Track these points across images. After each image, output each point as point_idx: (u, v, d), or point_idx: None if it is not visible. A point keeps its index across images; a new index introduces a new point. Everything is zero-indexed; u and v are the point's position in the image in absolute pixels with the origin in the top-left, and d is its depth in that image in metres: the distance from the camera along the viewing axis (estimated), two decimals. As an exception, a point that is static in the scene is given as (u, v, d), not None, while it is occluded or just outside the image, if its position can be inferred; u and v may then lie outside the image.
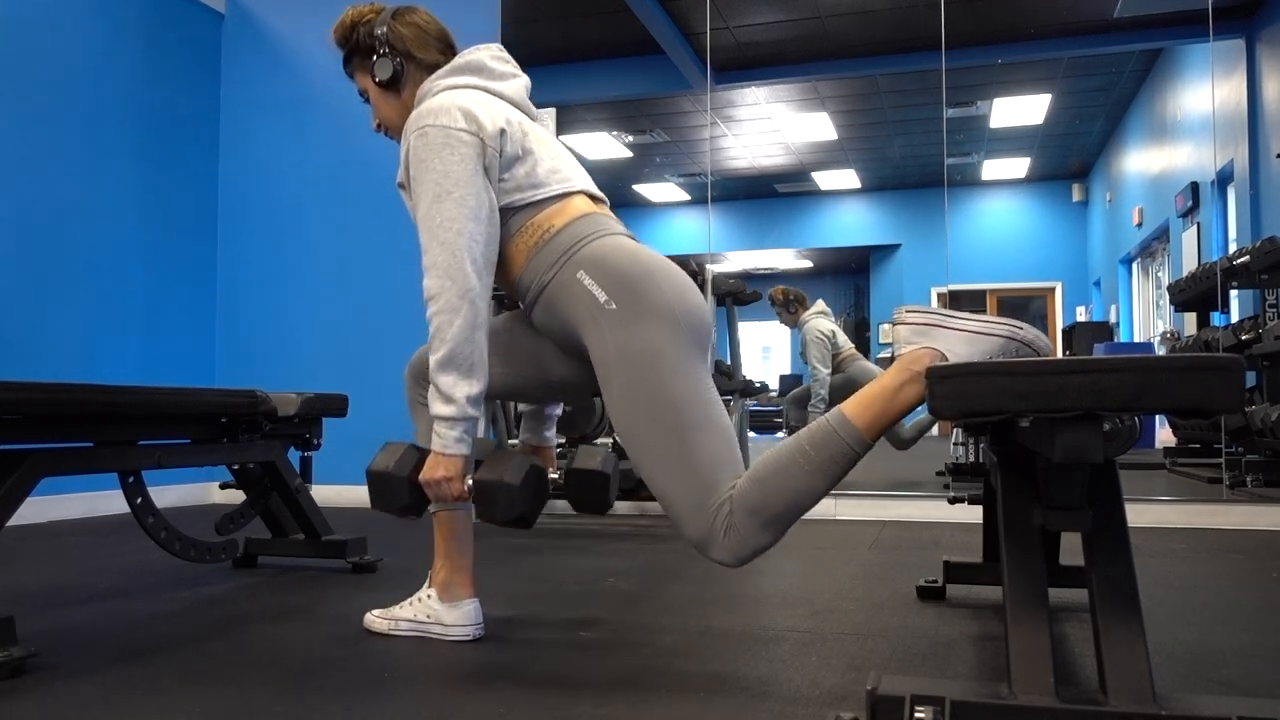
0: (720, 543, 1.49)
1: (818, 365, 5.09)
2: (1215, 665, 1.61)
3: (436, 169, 1.62)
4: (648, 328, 1.57)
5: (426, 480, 1.63)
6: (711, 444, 1.54)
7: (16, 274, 3.80)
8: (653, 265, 1.63)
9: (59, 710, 1.40)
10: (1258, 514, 3.52)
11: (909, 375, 1.42)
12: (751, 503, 1.47)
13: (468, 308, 1.58)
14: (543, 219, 1.68)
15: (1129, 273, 6.91)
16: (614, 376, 1.58)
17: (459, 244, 1.59)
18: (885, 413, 1.43)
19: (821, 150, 8.27)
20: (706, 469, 1.52)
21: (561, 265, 1.64)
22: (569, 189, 1.72)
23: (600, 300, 1.59)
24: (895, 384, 1.43)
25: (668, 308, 1.58)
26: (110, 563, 2.77)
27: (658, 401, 1.55)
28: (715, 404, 1.59)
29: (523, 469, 1.60)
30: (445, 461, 1.61)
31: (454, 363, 1.59)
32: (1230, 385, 1.05)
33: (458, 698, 1.46)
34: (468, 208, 1.61)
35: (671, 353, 1.56)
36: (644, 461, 1.56)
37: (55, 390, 1.82)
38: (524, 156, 1.70)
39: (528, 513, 1.61)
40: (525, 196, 1.68)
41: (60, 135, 4.00)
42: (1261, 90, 4.89)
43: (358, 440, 4.30)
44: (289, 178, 4.69)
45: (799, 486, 1.45)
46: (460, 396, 1.59)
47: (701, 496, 1.51)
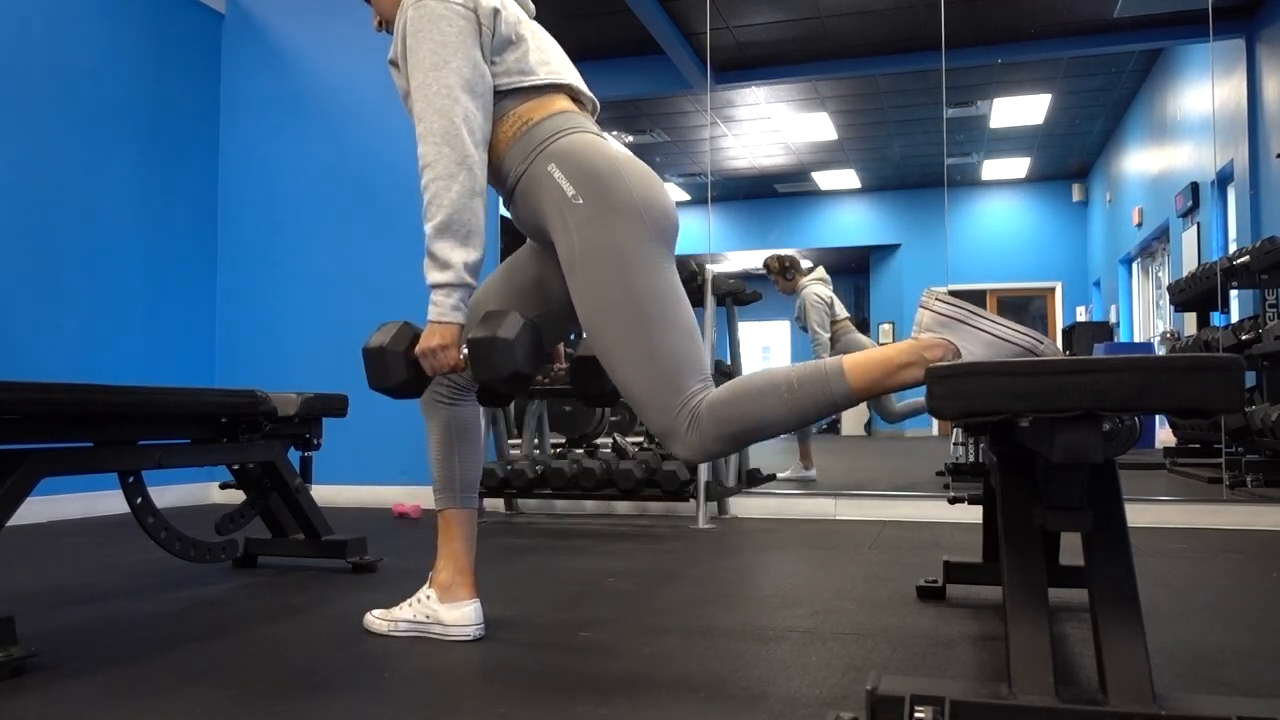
0: (682, 437, 1.54)
1: (818, 329, 5.05)
2: (1215, 665, 1.61)
3: (434, 38, 1.61)
4: (613, 223, 1.58)
5: (423, 350, 1.62)
6: (676, 342, 1.57)
7: (17, 274, 3.80)
8: (620, 161, 1.64)
9: (59, 710, 1.40)
10: (1258, 514, 3.52)
11: (916, 358, 1.43)
12: (720, 411, 1.52)
13: (465, 174, 1.58)
14: (524, 110, 1.69)
15: (1129, 273, 6.91)
16: (579, 273, 1.59)
17: (455, 111, 1.59)
18: (880, 382, 1.46)
19: (821, 150, 8.27)
20: (671, 365, 1.55)
21: (535, 156, 1.65)
22: (555, 80, 1.72)
23: (568, 194, 1.60)
24: (901, 360, 1.44)
25: (633, 204, 1.59)
26: (110, 563, 2.77)
27: (620, 297, 1.56)
28: (681, 302, 1.61)
29: (517, 324, 1.59)
30: (441, 330, 1.60)
31: (451, 228, 1.58)
32: (1230, 385, 1.05)
33: (458, 698, 1.46)
34: (464, 78, 1.61)
35: (637, 249, 1.58)
36: (610, 356, 1.59)
37: (55, 390, 1.82)
38: (517, 42, 1.70)
39: (524, 369, 1.59)
40: (513, 81, 1.68)
41: (61, 135, 4.00)
42: (1261, 90, 4.89)
43: (358, 440, 4.31)
44: (289, 177, 4.69)
45: (772, 414, 1.50)
46: (458, 262, 1.59)
47: (667, 393, 1.55)
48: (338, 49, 4.64)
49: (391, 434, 4.36)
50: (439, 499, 1.85)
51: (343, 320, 4.53)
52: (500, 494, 3.94)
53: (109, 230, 4.22)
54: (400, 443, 4.36)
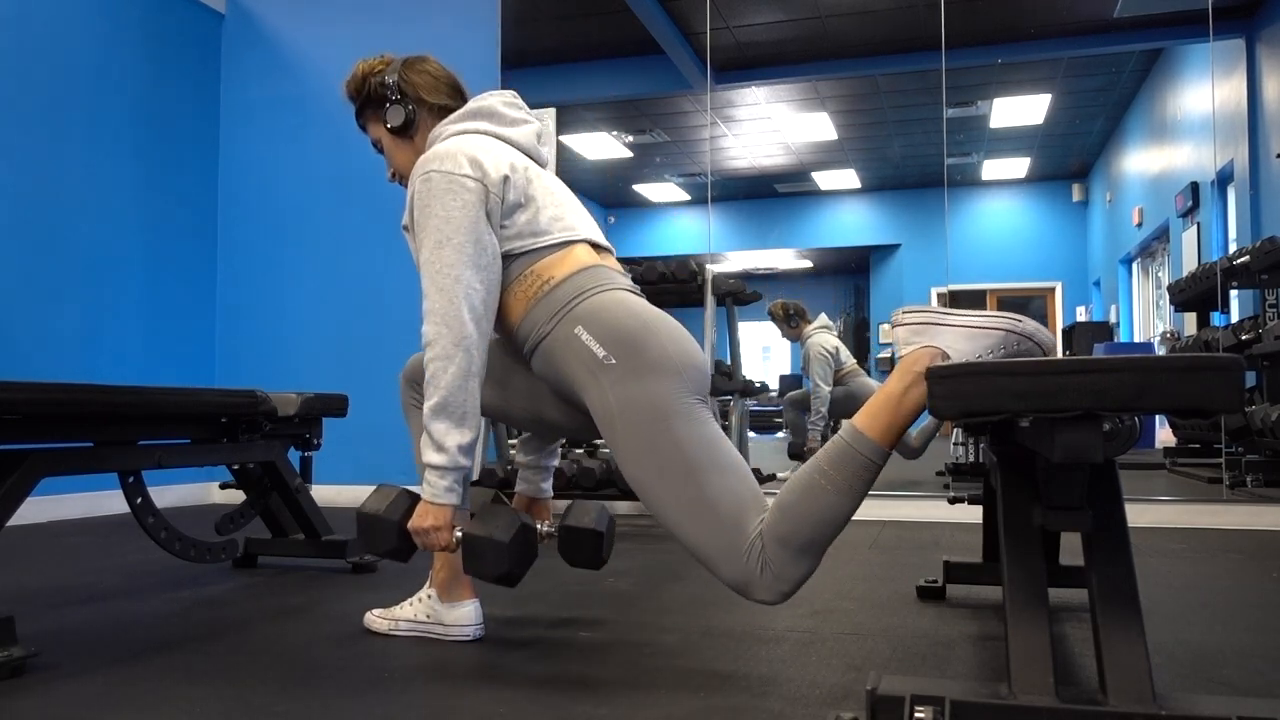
0: (759, 581, 1.45)
1: (819, 381, 5.12)
2: (1215, 665, 1.61)
3: (439, 214, 1.62)
4: (649, 381, 1.55)
5: (415, 528, 1.63)
6: (728, 483, 1.51)
7: (17, 274, 3.80)
8: (651, 319, 1.62)
9: (59, 710, 1.40)
10: (1258, 514, 3.51)
11: (912, 377, 1.40)
12: (780, 533, 1.44)
13: (462, 355, 1.58)
14: (542, 268, 1.67)
15: (1129, 273, 6.91)
16: (620, 432, 1.56)
17: (456, 291, 1.59)
18: (895, 419, 1.42)
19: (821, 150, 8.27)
20: (729, 509, 1.49)
21: (560, 319, 1.63)
22: (571, 237, 1.71)
23: (599, 356, 1.58)
24: (900, 389, 1.42)
25: (668, 360, 1.57)
26: (110, 563, 2.77)
27: (667, 451, 1.52)
28: (724, 444, 1.57)
29: (513, 527, 1.59)
30: (434, 511, 1.61)
31: (446, 410, 1.59)
32: (1230, 385, 1.05)
33: (458, 698, 1.46)
34: (466, 254, 1.60)
35: (676, 402, 1.55)
36: (666, 514, 1.53)
37: (55, 390, 1.83)
38: (526, 204, 1.69)
39: (514, 570, 1.61)
40: (526, 244, 1.67)
41: (60, 135, 4.00)
42: (1261, 90, 4.89)
43: (358, 440, 4.31)
44: (289, 178, 4.69)
45: (824, 508, 1.42)
46: (451, 445, 1.59)
47: (731, 538, 1.47)
48: (338, 50, 4.64)
49: (391, 434, 4.36)
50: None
51: (343, 320, 4.53)
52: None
53: (109, 230, 4.21)
54: (400, 443, 4.35)
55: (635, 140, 8.01)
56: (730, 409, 4.45)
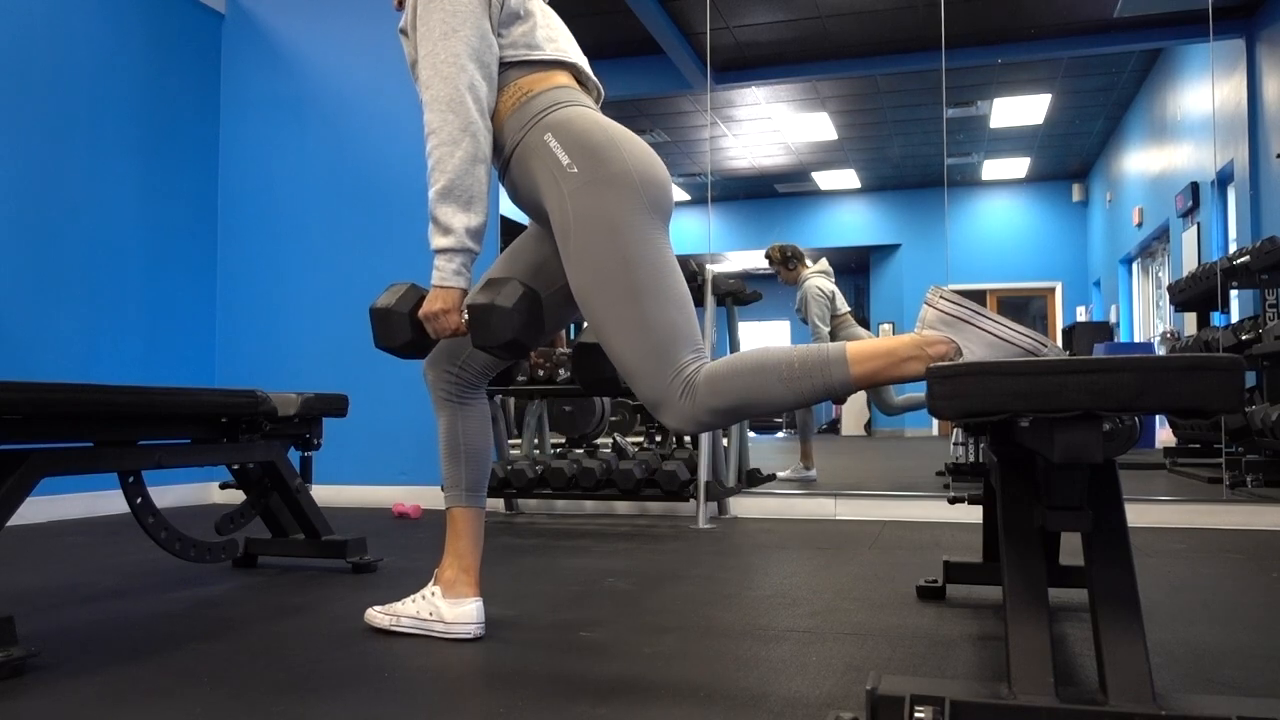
0: (675, 406, 1.54)
1: (818, 323, 5.08)
2: (1215, 665, 1.61)
3: (445, 7, 1.63)
4: (607, 193, 1.58)
5: (426, 314, 1.63)
6: (669, 312, 1.57)
7: (16, 274, 3.80)
8: (617, 133, 1.65)
9: (59, 710, 1.40)
10: (1258, 514, 3.52)
11: (919, 353, 1.43)
12: (718, 384, 1.52)
13: (469, 140, 1.60)
14: (526, 82, 1.70)
15: (1129, 273, 6.92)
16: (572, 241, 1.59)
17: (461, 79, 1.61)
18: (881, 373, 1.46)
19: (821, 150, 8.27)
20: (664, 335, 1.55)
21: (532, 126, 1.66)
22: (561, 57, 1.74)
23: (563, 163, 1.61)
24: (904, 354, 1.44)
25: (628, 175, 1.60)
26: (110, 563, 2.77)
27: (613, 267, 1.56)
28: (674, 274, 1.61)
29: (516, 292, 1.59)
30: (443, 294, 1.62)
31: (453, 193, 1.59)
32: (1230, 385, 1.05)
33: (458, 697, 1.46)
34: (472, 47, 1.62)
35: (631, 219, 1.58)
36: (603, 325, 1.58)
37: (55, 390, 1.83)
38: (524, 17, 1.72)
39: (522, 336, 1.60)
40: (518, 54, 1.70)
41: (61, 135, 4.00)
42: (1261, 90, 4.89)
43: (358, 440, 4.31)
44: (289, 178, 4.69)
45: (766, 391, 1.50)
46: (459, 227, 1.60)
47: (660, 362, 1.54)
48: (338, 49, 4.64)
49: (391, 434, 4.37)
50: (448, 497, 1.85)
51: (343, 320, 4.53)
52: (500, 494, 3.94)
53: (109, 230, 4.22)
54: (400, 443, 4.36)
55: (635, 140, 7.98)
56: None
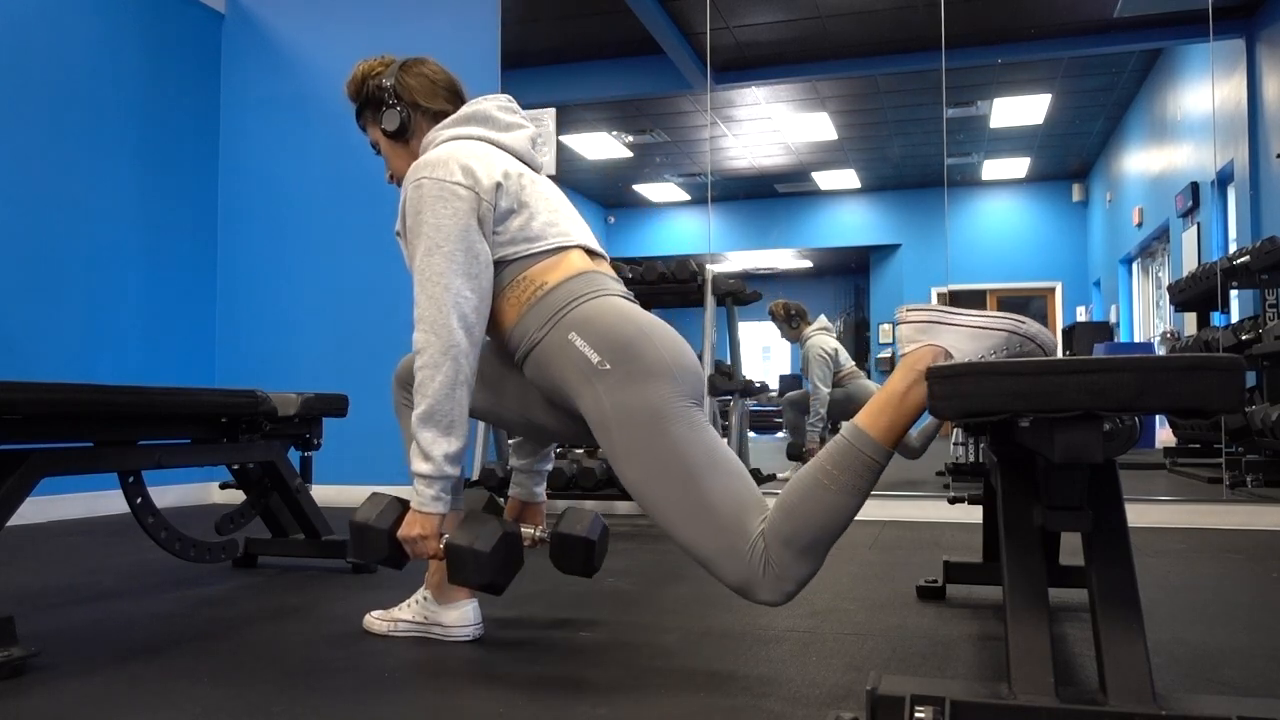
0: (761, 581, 1.45)
1: (819, 384, 5.14)
2: (1215, 665, 1.61)
3: (430, 222, 1.62)
4: (645, 386, 1.55)
5: (404, 537, 1.64)
6: (729, 485, 1.51)
7: (17, 274, 3.80)
8: (645, 325, 1.62)
9: (59, 710, 1.40)
10: (1258, 514, 3.51)
11: (915, 376, 1.40)
12: (783, 534, 1.44)
13: (449, 364, 1.58)
14: (535, 274, 1.67)
15: (1129, 273, 6.91)
16: (617, 438, 1.55)
17: (445, 299, 1.59)
18: (898, 417, 1.41)
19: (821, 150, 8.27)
20: (730, 511, 1.48)
21: (553, 325, 1.63)
22: (565, 243, 1.71)
23: (594, 362, 1.58)
24: (902, 387, 1.41)
25: (663, 365, 1.57)
26: (110, 563, 2.77)
27: (665, 455, 1.52)
28: (722, 447, 1.57)
29: (494, 536, 1.59)
30: (422, 520, 1.62)
31: (433, 419, 1.59)
32: (1230, 385, 1.05)
33: (458, 698, 1.46)
34: (457, 263, 1.60)
35: (672, 406, 1.54)
36: (666, 518, 1.52)
37: (55, 390, 1.82)
38: (519, 210, 1.69)
39: (497, 580, 1.61)
40: (519, 250, 1.67)
41: (60, 135, 4.00)
42: (1261, 90, 4.89)
43: (358, 440, 4.31)
44: (289, 178, 4.69)
45: (828, 508, 1.42)
46: (438, 454, 1.60)
47: (732, 539, 1.46)
48: (338, 49, 4.63)
49: (391, 434, 4.34)
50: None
51: (343, 320, 4.53)
52: (500, 494, 3.94)
53: (109, 230, 4.21)
54: (400, 443, 4.35)
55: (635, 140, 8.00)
56: (730, 409, 4.45)
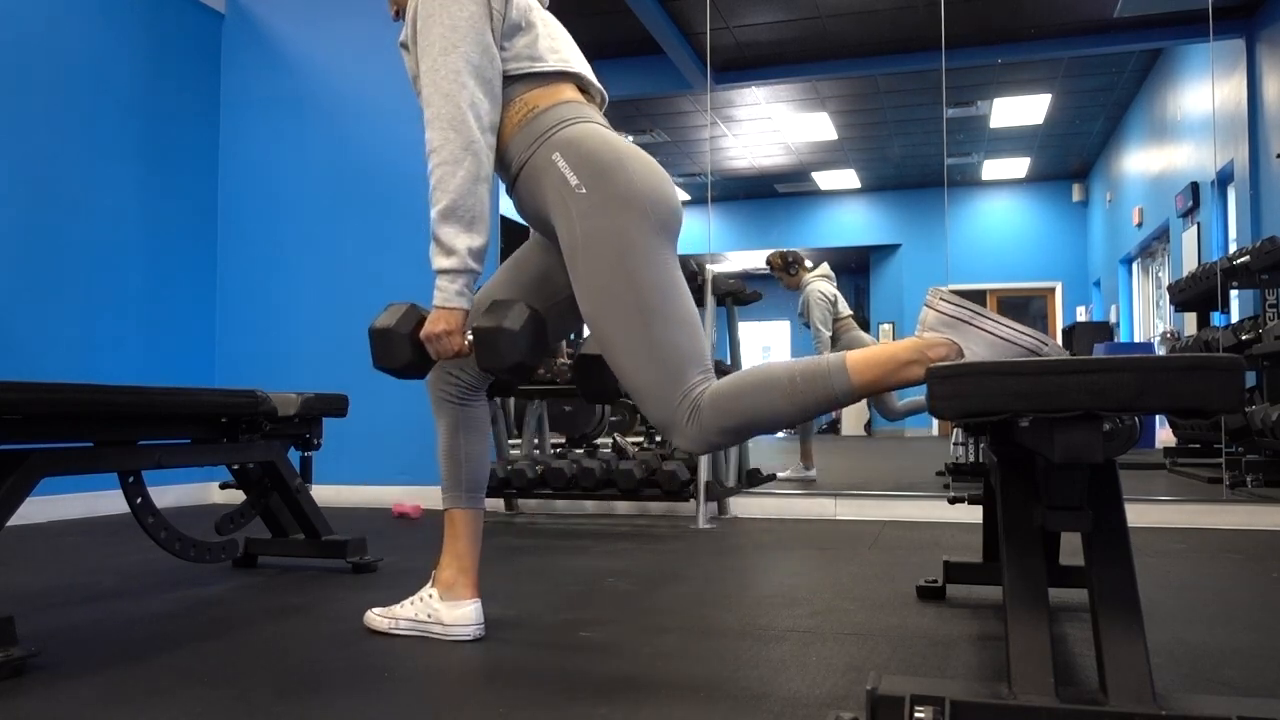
0: (682, 428, 1.55)
1: (820, 327, 5.11)
2: (1215, 665, 1.61)
3: (444, 22, 1.62)
4: (616, 215, 1.58)
5: (428, 335, 1.62)
6: (677, 335, 1.57)
7: (16, 274, 3.80)
8: (625, 152, 1.64)
9: (59, 710, 1.40)
10: (1258, 514, 3.52)
11: (920, 357, 1.42)
12: (722, 404, 1.52)
13: (471, 159, 1.58)
14: (531, 97, 1.69)
15: (1129, 273, 6.92)
16: (580, 262, 1.59)
17: (463, 96, 1.59)
18: (883, 379, 1.46)
19: (821, 150, 8.27)
20: (672, 356, 1.56)
21: (539, 144, 1.64)
22: (564, 68, 1.73)
23: (571, 183, 1.60)
24: (904, 358, 1.43)
25: (637, 195, 1.59)
26: (110, 563, 2.77)
27: (621, 289, 1.56)
28: (683, 294, 1.61)
29: (523, 315, 1.59)
30: (446, 315, 1.61)
31: (456, 214, 1.58)
32: (1230, 385, 1.05)
33: (458, 698, 1.46)
34: (472, 63, 1.61)
35: (639, 240, 1.57)
36: (610, 345, 1.58)
37: (55, 390, 1.82)
38: (526, 28, 1.70)
39: (528, 359, 1.60)
40: (521, 67, 1.69)
41: (60, 135, 4.00)
42: (1261, 90, 4.89)
43: (358, 440, 4.31)
44: (289, 177, 4.69)
45: (771, 407, 1.50)
46: (462, 248, 1.59)
47: (667, 384, 1.55)
48: (338, 49, 4.64)
49: (391, 434, 4.36)
50: (446, 498, 1.85)
51: (343, 320, 4.53)
52: (500, 494, 3.94)
53: (109, 230, 4.21)
54: (400, 443, 4.36)
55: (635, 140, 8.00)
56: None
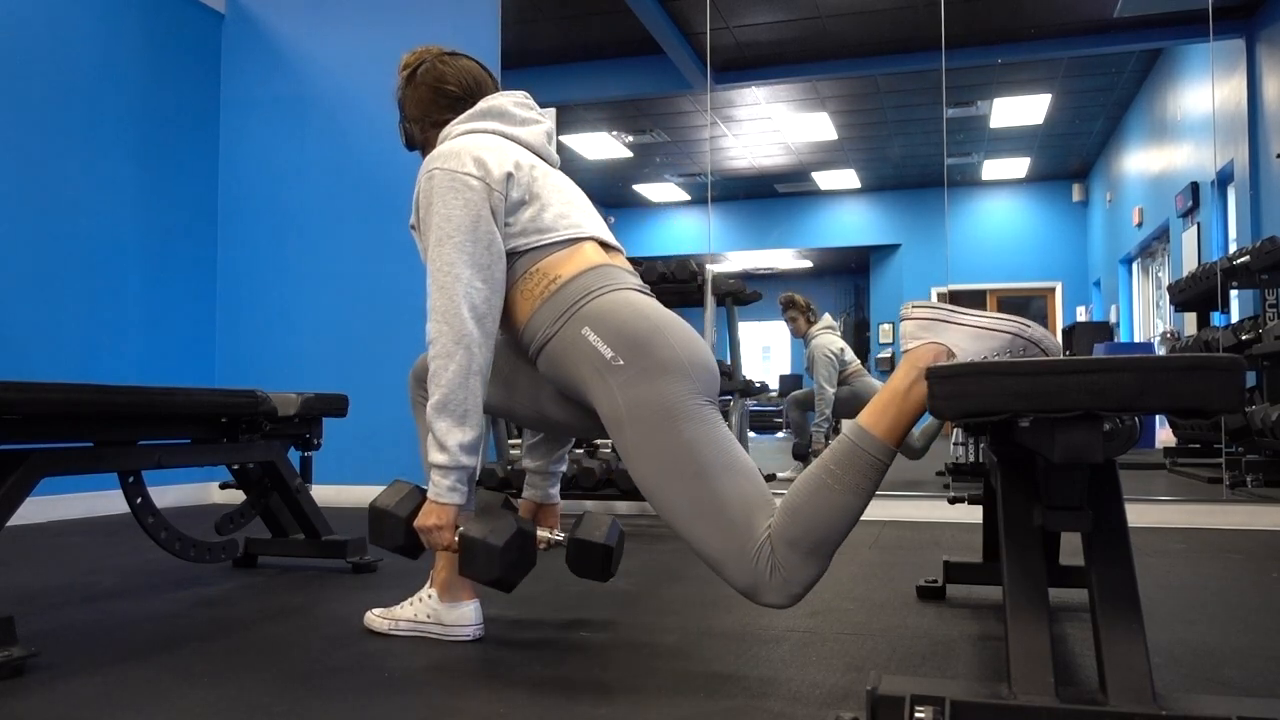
0: (768, 584, 1.44)
1: (824, 385, 5.17)
2: (1215, 665, 1.61)
3: (440, 212, 1.62)
4: (659, 382, 1.53)
5: (420, 526, 1.64)
6: (739, 486, 1.50)
7: (16, 274, 3.80)
8: (660, 320, 1.60)
9: (59, 710, 1.40)
10: (1258, 514, 3.51)
11: (917, 373, 1.39)
12: (789, 536, 1.43)
13: (462, 353, 1.58)
14: (548, 266, 1.66)
15: (1129, 273, 6.91)
16: (629, 434, 1.54)
17: (456, 289, 1.59)
18: (901, 415, 1.41)
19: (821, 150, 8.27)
20: (739, 511, 1.47)
21: (567, 320, 1.61)
22: (578, 234, 1.70)
23: (607, 357, 1.56)
24: (905, 384, 1.41)
25: (678, 361, 1.55)
26: (110, 563, 2.77)
27: (677, 453, 1.50)
28: (734, 446, 1.55)
29: (508, 531, 1.59)
30: (437, 510, 1.63)
31: (447, 408, 1.59)
32: (1230, 385, 1.05)
33: (458, 698, 1.46)
34: (467, 253, 1.60)
35: (686, 403, 1.53)
36: (675, 517, 1.51)
37: (55, 390, 1.82)
38: (531, 201, 1.69)
39: (507, 576, 1.61)
40: (531, 241, 1.67)
41: (60, 135, 4.00)
42: (1261, 90, 4.89)
43: (358, 440, 4.31)
44: (289, 178, 4.69)
45: (833, 508, 1.41)
46: (453, 445, 1.60)
47: (740, 541, 1.45)
48: (338, 49, 4.64)
49: (391, 434, 4.36)
50: None
51: (343, 320, 4.53)
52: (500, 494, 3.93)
53: (109, 230, 4.21)
54: (400, 443, 4.36)
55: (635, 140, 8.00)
56: (730, 409, 4.45)
